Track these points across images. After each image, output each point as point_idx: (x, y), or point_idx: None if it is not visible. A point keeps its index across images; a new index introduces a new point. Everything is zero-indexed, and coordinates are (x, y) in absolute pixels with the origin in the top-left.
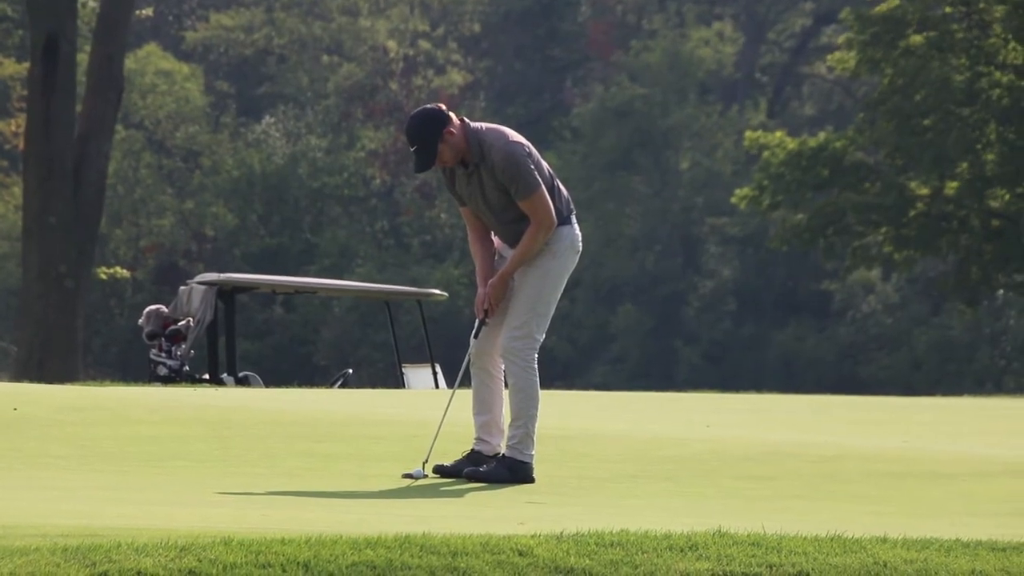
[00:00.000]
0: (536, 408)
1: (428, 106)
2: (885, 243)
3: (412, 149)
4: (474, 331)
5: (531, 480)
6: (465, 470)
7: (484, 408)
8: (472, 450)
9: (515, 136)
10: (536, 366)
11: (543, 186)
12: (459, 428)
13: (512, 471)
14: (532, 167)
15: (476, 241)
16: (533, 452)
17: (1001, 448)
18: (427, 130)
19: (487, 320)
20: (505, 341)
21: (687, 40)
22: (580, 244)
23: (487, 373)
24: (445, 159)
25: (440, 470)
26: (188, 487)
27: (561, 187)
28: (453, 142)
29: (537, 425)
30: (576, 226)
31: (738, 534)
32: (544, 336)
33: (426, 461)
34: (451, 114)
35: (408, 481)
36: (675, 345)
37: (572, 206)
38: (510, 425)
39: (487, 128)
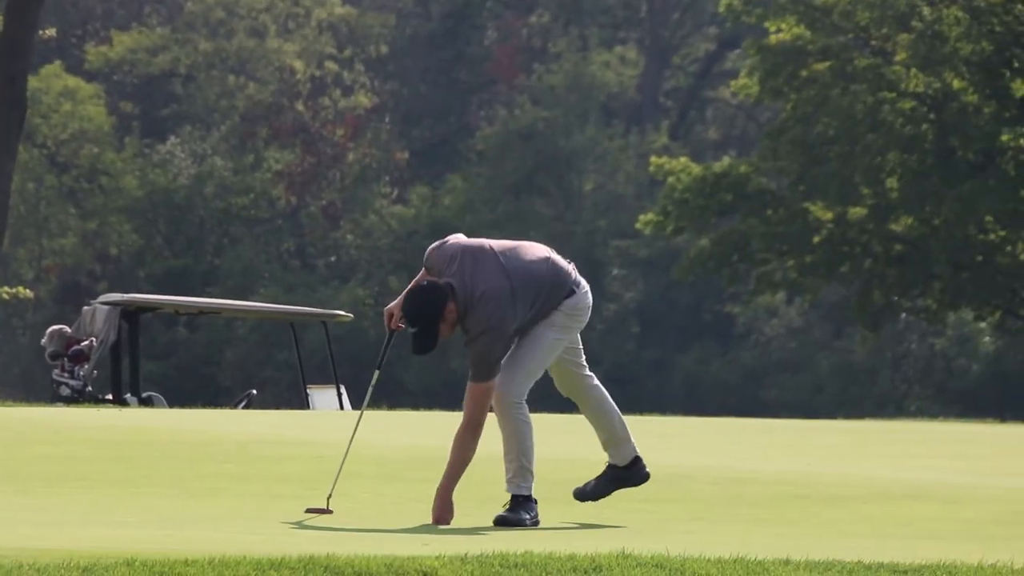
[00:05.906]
0: (529, 441)
1: (427, 284)
2: (790, 270)
3: (411, 331)
4: (381, 353)
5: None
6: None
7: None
8: (608, 464)
9: (499, 293)
10: (525, 408)
11: (497, 369)
12: (369, 450)
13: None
14: (501, 344)
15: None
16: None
17: (903, 471)
18: (428, 312)
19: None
20: (497, 388)
21: (589, 63)
22: (587, 300)
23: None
24: (444, 335)
25: (580, 494)
26: (91, 508)
27: (559, 260)
28: (451, 319)
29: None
30: (580, 293)
31: (642, 556)
32: (528, 391)
33: (330, 496)
34: (461, 248)
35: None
36: None
37: (576, 275)
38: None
39: (479, 272)
